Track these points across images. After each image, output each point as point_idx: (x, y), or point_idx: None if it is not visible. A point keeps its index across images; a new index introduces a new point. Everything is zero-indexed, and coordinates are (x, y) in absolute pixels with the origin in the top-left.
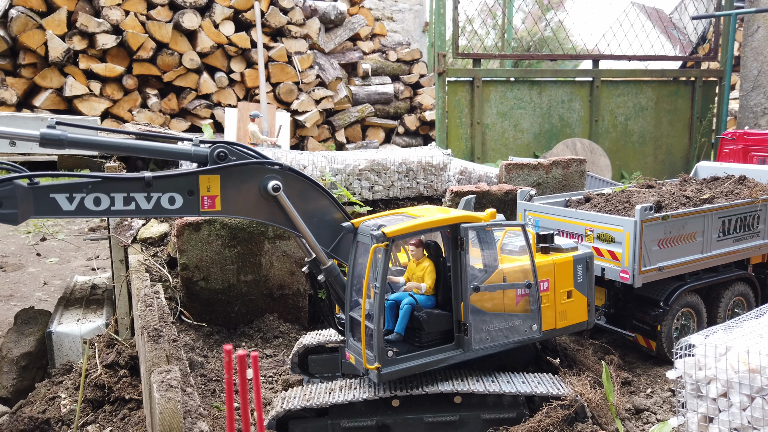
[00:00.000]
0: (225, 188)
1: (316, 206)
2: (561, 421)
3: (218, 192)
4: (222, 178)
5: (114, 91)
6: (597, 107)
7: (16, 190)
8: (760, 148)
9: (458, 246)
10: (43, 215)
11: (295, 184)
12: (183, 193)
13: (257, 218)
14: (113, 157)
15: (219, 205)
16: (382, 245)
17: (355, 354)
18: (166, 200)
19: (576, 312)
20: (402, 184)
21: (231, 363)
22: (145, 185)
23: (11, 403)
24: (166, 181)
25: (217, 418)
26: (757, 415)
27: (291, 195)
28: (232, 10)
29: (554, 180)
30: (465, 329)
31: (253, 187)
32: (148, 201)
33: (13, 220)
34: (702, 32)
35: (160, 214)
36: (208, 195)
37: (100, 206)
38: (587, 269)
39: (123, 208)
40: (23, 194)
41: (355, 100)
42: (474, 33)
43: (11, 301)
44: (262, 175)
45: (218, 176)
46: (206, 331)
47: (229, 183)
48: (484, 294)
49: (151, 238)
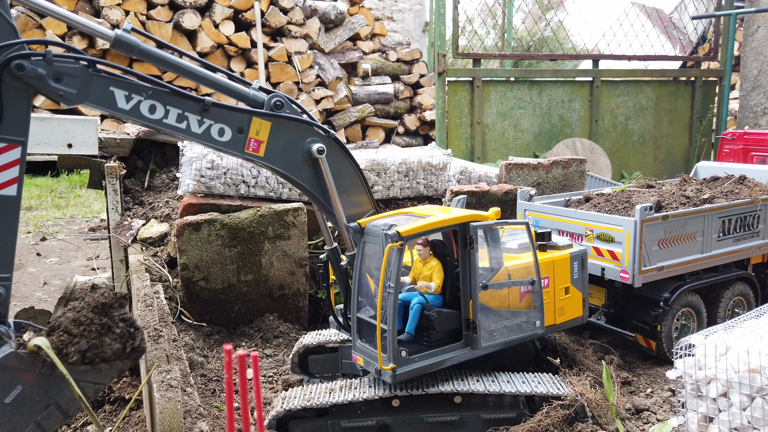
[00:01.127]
0: (273, 137)
1: (349, 185)
2: (561, 421)
3: (266, 138)
4: (272, 127)
5: None
6: (597, 107)
7: (81, 70)
8: (760, 148)
9: (468, 244)
10: (98, 105)
11: (336, 157)
12: (233, 128)
13: (293, 176)
14: (113, 156)
15: (263, 152)
16: (397, 245)
17: (364, 355)
18: (216, 130)
19: (573, 308)
20: (402, 184)
21: (231, 363)
22: (202, 109)
23: None
24: (222, 111)
25: (217, 418)
26: (757, 415)
27: (329, 165)
28: (232, 10)
29: (554, 180)
30: (474, 327)
31: (299, 146)
32: (199, 125)
33: (70, 100)
34: (702, 32)
35: (206, 142)
36: (256, 138)
37: (153, 115)
38: (582, 266)
39: (174, 124)
40: (86, 77)
41: (355, 100)
42: (474, 33)
43: (11, 301)
44: (308, 136)
45: (270, 123)
46: (206, 331)
47: (278, 133)
48: (492, 292)
49: (151, 238)
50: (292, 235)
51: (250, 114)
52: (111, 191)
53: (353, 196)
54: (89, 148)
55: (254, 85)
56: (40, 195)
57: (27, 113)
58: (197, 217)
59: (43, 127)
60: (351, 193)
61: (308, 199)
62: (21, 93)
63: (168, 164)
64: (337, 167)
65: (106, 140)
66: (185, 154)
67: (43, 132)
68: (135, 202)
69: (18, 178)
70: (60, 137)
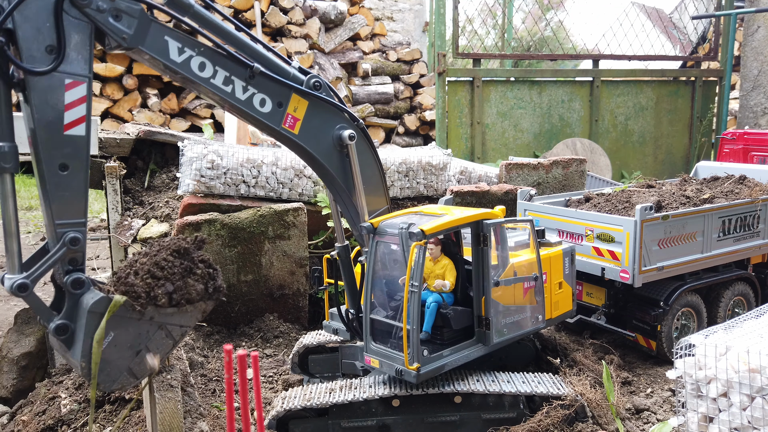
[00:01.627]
0: (308, 117)
1: (369, 178)
2: (561, 421)
3: (302, 117)
4: (309, 106)
5: (114, 90)
6: (597, 107)
7: (140, 13)
8: (761, 148)
9: (481, 242)
10: (151, 51)
11: (362, 147)
12: (274, 101)
13: (321, 160)
14: (113, 156)
15: (297, 129)
16: (422, 243)
17: (380, 357)
18: (258, 100)
19: (565, 302)
20: (402, 183)
21: (231, 363)
22: (249, 75)
23: (11, 403)
24: (266, 82)
25: (217, 418)
26: (757, 415)
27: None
28: (232, 10)
29: (554, 180)
30: (487, 323)
31: (330, 130)
32: (244, 91)
33: (124, 40)
34: (702, 32)
35: (247, 110)
36: (293, 115)
37: (202, 72)
38: (572, 261)
39: (220, 86)
40: (144, 20)
41: (355, 99)
42: (474, 33)
43: (11, 301)
44: (340, 121)
45: (307, 102)
46: (206, 331)
47: (314, 114)
48: (502, 288)
49: (151, 238)
50: (292, 235)
51: (291, 89)
52: (111, 191)
53: (372, 189)
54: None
55: (294, 63)
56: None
57: (89, 48)
58: (197, 217)
59: None
60: (370, 186)
61: (326, 188)
62: (81, 26)
63: (168, 164)
64: (362, 157)
65: (106, 140)
66: (185, 154)
67: None
68: (135, 202)
69: (86, 117)
70: None
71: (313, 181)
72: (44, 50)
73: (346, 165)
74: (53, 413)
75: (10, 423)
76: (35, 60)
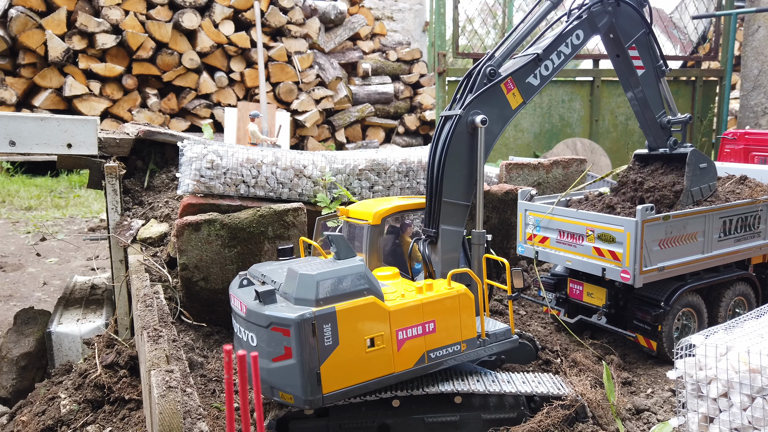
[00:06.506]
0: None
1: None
2: (562, 421)
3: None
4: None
5: (114, 90)
6: (597, 107)
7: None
8: (761, 148)
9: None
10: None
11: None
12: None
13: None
14: (113, 156)
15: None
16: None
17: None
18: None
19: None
20: (402, 183)
21: (231, 363)
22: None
23: (11, 403)
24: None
25: (217, 418)
26: (757, 415)
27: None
28: (231, 9)
29: (554, 180)
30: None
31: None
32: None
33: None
34: (702, 32)
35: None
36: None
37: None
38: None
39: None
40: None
41: (355, 99)
42: (474, 32)
43: (11, 301)
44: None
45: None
46: (206, 331)
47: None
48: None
49: (151, 238)
50: (292, 235)
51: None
52: (111, 191)
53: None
54: (89, 148)
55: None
56: (39, 195)
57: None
58: (197, 217)
59: (43, 127)
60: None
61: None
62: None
63: (168, 164)
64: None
65: (105, 140)
66: (185, 154)
67: (43, 132)
68: (135, 202)
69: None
70: (59, 137)
71: (312, 181)
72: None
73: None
74: (53, 413)
75: (9, 423)
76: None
